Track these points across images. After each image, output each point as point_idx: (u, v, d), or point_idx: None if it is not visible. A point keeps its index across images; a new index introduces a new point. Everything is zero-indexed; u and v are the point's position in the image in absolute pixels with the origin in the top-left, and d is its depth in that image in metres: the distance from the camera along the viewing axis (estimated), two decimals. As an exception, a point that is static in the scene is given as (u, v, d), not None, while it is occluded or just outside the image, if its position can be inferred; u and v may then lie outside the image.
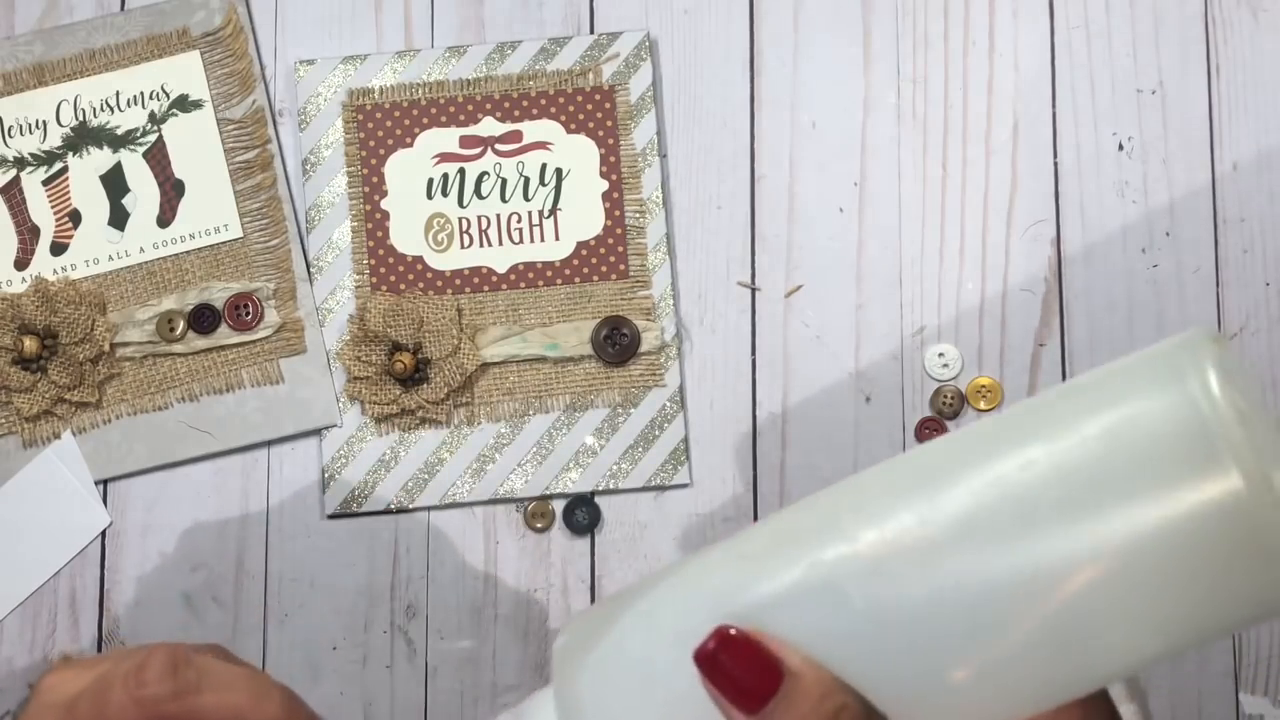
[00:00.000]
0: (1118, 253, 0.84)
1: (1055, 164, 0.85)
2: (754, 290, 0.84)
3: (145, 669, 0.49)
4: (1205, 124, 0.85)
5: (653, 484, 0.82)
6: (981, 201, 0.84)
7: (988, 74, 0.85)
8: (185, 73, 0.84)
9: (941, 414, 0.82)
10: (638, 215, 0.84)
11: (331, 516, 0.82)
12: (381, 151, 0.84)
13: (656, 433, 0.82)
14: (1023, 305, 0.83)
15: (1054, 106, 0.85)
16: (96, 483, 0.82)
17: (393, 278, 0.83)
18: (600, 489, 0.82)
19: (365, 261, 0.83)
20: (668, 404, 0.82)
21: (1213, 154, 0.84)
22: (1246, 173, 0.84)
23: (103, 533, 0.82)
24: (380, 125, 0.84)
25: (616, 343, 0.82)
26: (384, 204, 0.84)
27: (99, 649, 0.81)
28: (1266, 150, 0.84)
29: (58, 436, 0.82)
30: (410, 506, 0.82)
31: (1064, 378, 0.83)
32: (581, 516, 0.82)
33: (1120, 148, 0.85)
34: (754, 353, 0.83)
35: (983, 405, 0.82)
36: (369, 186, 0.84)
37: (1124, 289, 0.83)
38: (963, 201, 0.84)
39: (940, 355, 0.83)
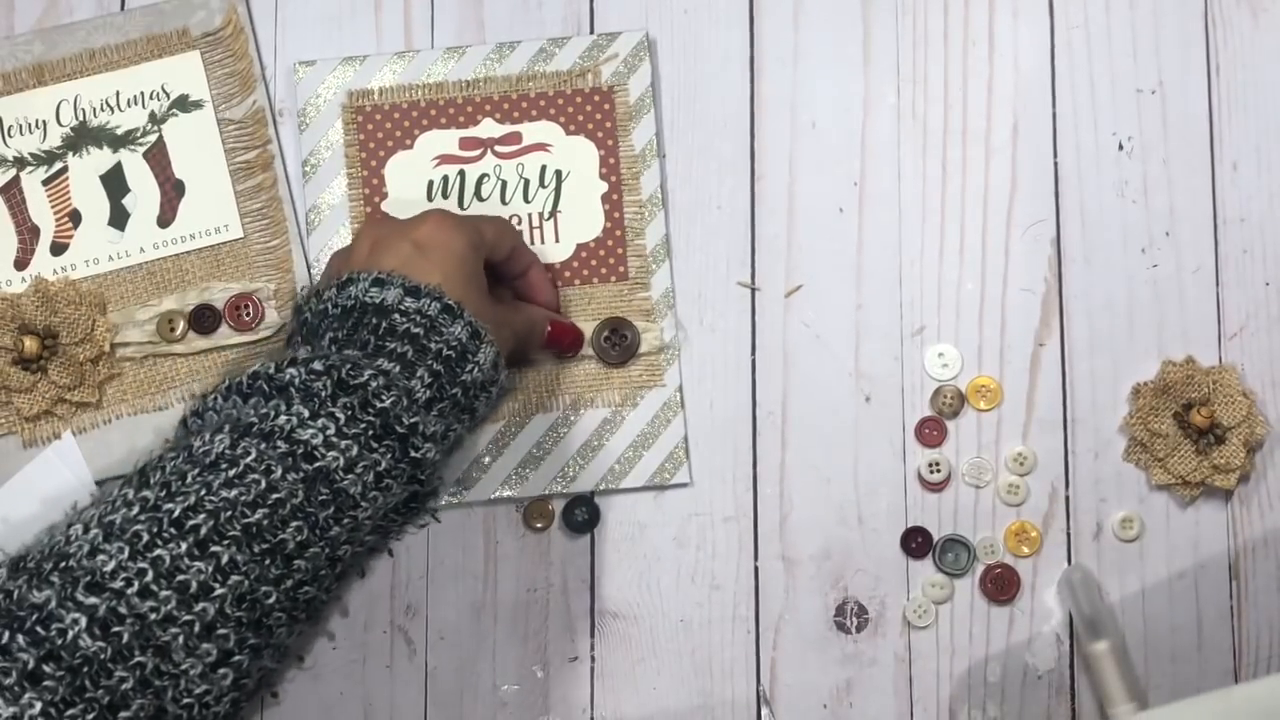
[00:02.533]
0: (1118, 253, 0.84)
1: (1055, 164, 0.85)
2: (754, 290, 0.84)
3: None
4: (1205, 124, 0.85)
5: (653, 483, 0.82)
6: (981, 201, 0.84)
7: (988, 74, 0.85)
8: (185, 73, 0.84)
9: (941, 414, 0.82)
10: (637, 216, 0.84)
11: (331, 516, 0.82)
12: (381, 153, 0.84)
13: (656, 433, 0.82)
14: (1023, 305, 0.83)
15: (1054, 106, 0.85)
16: (97, 483, 0.82)
17: (393, 278, 0.83)
18: (600, 489, 0.82)
19: (365, 262, 0.83)
20: (667, 404, 0.82)
21: (1213, 154, 0.84)
22: (1246, 173, 0.84)
23: (103, 533, 0.82)
24: (380, 127, 0.84)
25: (617, 344, 0.82)
26: (384, 206, 0.84)
27: (99, 649, 0.81)
28: (1266, 150, 0.84)
29: (58, 436, 0.82)
30: (410, 506, 0.82)
31: (1064, 378, 0.83)
32: (581, 515, 0.82)
33: (1120, 148, 0.85)
34: (754, 353, 0.83)
35: (983, 405, 0.82)
36: (369, 189, 0.84)
37: (1124, 289, 0.83)
38: (963, 201, 0.84)
39: (940, 355, 0.83)
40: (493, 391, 0.69)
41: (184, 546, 0.59)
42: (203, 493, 0.60)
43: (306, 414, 0.62)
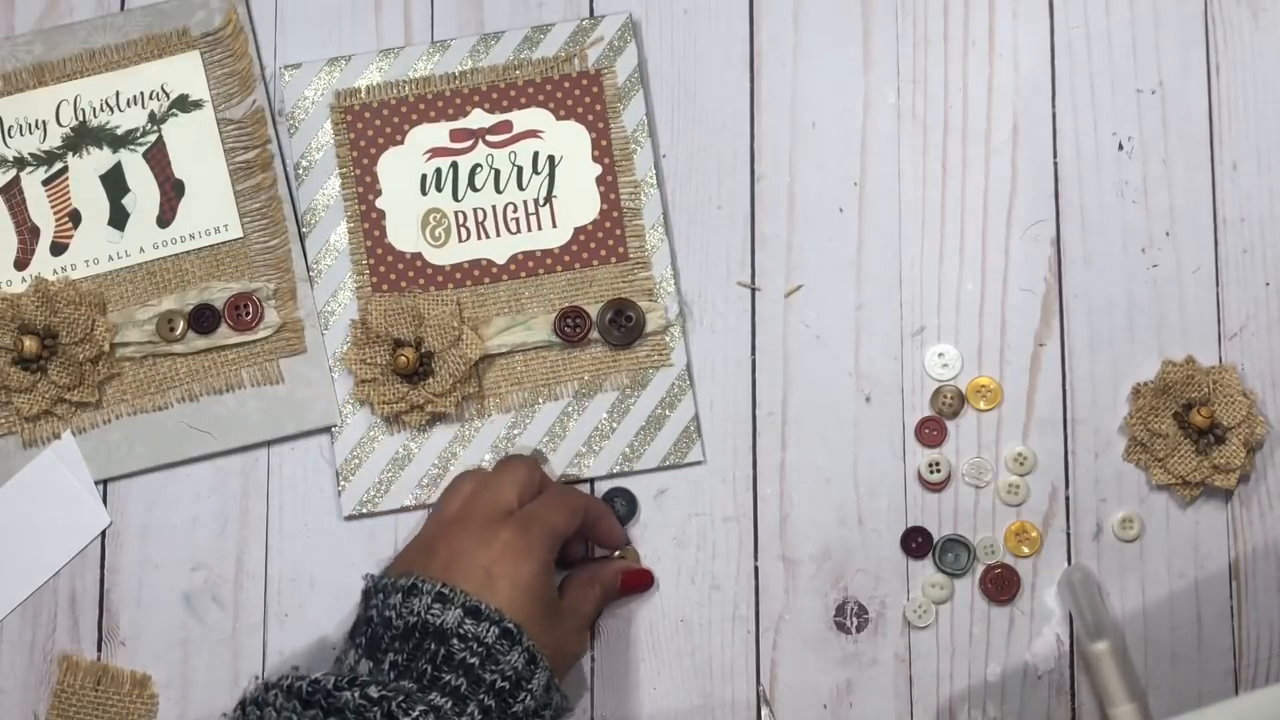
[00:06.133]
0: (1118, 253, 0.84)
1: (1055, 164, 0.85)
2: (754, 290, 0.84)
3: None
4: (1205, 124, 0.85)
5: (667, 464, 0.81)
6: (981, 201, 0.84)
7: (988, 74, 0.85)
8: (185, 73, 0.84)
9: (941, 414, 0.82)
10: (633, 197, 0.84)
11: (349, 518, 0.82)
12: (373, 151, 0.84)
13: (667, 412, 0.82)
14: (1023, 305, 0.83)
15: (1054, 106, 0.85)
16: (96, 483, 0.82)
17: (393, 276, 0.83)
18: (615, 471, 0.82)
19: (364, 262, 0.83)
20: (676, 383, 0.82)
21: (1213, 154, 0.84)
22: (1246, 173, 0.84)
23: (103, 533, 0.82)
24: (370, 125, 0.84)
25: (622, 325, 0.82)
26: (379, 203, 0.84)
27: (99, 649, 0.81)
28: (1266, 150, 0.84)
29: (58, 436, 0.82)
30: (428, 502, 0.81)
31: (1064, 378, 0.83)
32: (620, 507, 0.81)
33: (1120, 148, 0.85)
34: (754, 353, 0.83)
35: (983, 405, 0.82)
36: (363, 186, 0.84)
37: (1124, 289, 0.83)
38: (963, 201, 0.84)
39: (940, 355, 0.83)
40: (545, 715, 0.71)
41: None
42: None
43: None
